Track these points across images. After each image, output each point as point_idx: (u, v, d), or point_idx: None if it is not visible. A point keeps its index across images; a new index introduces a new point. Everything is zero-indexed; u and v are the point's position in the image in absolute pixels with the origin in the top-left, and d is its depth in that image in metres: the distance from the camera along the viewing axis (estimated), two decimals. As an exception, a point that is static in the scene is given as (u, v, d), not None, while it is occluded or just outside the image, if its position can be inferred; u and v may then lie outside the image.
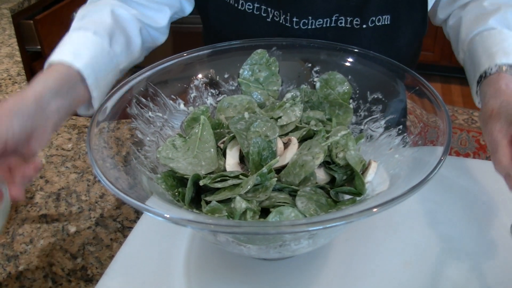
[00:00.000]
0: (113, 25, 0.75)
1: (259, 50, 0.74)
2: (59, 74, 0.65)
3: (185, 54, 0.73)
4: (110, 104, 0.64)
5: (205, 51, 0.75)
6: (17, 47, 1.46)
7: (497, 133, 0.60)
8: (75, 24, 0.75)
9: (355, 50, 0.72)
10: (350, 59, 0.73)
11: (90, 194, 0.79)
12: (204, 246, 0.66)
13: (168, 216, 0.44)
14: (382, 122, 0.67)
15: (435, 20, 0.90)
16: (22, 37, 1.87)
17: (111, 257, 0.67)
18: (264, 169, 0.55)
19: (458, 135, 2.65)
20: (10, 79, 1.23)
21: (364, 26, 0.80)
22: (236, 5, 0.83)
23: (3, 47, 1.46)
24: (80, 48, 0.69)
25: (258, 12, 0.83)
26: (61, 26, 1.94)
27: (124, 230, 0.72)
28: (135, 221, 0.73)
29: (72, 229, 0.73)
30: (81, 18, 0.76)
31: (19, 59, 1.37)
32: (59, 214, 0.76)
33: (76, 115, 0.86)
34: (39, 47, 1.90)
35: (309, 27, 0.81)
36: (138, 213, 0.74)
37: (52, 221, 0.74)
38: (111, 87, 0.77)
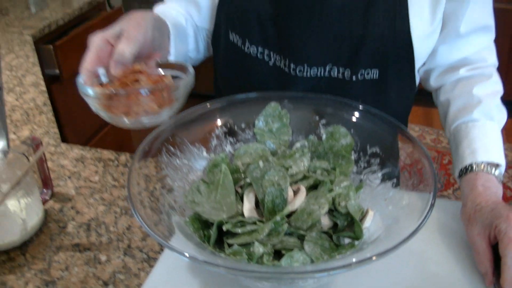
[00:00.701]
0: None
1: (272, 104, 0.84)
2: (159, 17, 0.83)
3: (208, 105, 0.83)
4: (145, 145, 0.74)
5: (225, 103, 0.85)
6: (41, 76, 1.56)
7: (476, 237, 0.73)
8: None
9: (359, 106, 0.82)
10: (353, 114, 0.82)
11: (117, 225, 0.89)
12: (222, 278, 0.75)
13: (202, 259, 0.54)
14: (379, 174, 0.77)
15: (426, 86, 0.99)
16: (41, 61, 1.97)
17: (139, 285, 0.76)
18: (278, 218, 0.65)
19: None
20: (37, 108, 1.33)
21: (354, 78, 0.90)
22: (242, 47, 0.94)
23: (28, 75, 1.56)
24: (165, 12, 0.90)
25: (261, 57, 0.93)
26: (79, 51, 2.04)
27: (150, 260, 0.81)
28: (159, 253, 0.82)
29: (103, 258, 0.82)
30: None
31: (44, 88, 1.46)
32: (90, 244, 0.85)
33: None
34: (57, 71, 2.00)
35: (305, 74, 0.91)
36: (162, 245, 0.83)
37: (84, 250, 0.84)
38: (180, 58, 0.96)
